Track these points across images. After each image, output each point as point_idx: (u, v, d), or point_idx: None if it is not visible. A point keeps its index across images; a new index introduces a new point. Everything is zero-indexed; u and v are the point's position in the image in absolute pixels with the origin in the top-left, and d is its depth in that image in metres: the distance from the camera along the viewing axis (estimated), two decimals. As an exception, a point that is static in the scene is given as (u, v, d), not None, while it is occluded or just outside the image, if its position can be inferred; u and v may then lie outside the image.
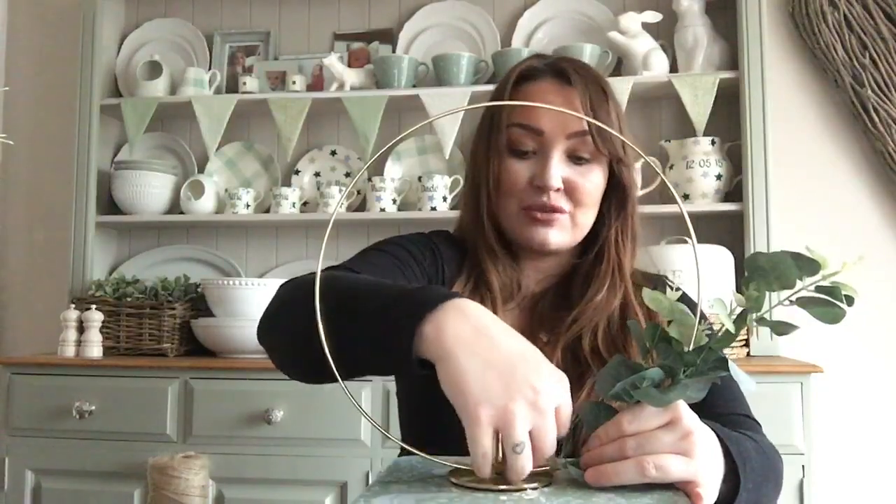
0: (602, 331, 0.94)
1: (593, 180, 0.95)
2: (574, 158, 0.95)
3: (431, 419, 0.93)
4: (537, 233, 0.96)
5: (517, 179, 0.95)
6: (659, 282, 1.03)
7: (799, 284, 0.58)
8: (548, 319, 0.98)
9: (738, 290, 0.62)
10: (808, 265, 0.57)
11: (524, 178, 0.95)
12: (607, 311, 0.95)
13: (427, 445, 0.66)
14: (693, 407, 0.66)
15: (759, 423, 0.93)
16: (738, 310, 0.62)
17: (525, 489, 0.60)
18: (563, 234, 0.96)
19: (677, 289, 0.67)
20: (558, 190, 0.94)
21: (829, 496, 2.10)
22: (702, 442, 0.65)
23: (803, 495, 1.76)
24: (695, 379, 0.63)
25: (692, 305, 0.68)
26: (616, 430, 0.64)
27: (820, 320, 0.58)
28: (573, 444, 0.67)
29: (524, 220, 0.96)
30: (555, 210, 0.94)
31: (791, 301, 0.59)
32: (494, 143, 0.97)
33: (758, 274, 0.59)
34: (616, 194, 0.99)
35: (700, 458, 0.64)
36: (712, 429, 0.69)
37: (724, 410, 0.84)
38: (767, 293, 0.60)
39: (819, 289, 0.58)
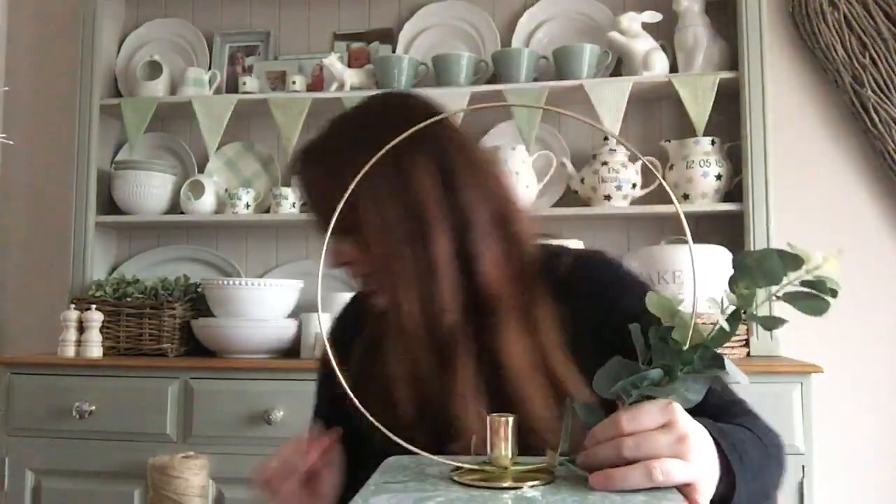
0: None
1: (346, 251, 0.92)
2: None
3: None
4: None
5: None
6: (559, 251, 0.98)
7: (785, 281, 0.60)
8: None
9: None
10: (791, 261, 0.59)
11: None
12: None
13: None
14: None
15: (746, 403, 0.92)
16: (731, 308, 0.63)
17: (523, 487, 0.60)
18: (381, 297, 0.92)
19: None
20: (343, 265, 0.93)
21: (829, 496, 2.10)
22: (697, 445, 0.65)
23: (803, 495, 1.76)
24: (692, 376, 0.64)
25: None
26: (614, 429, 0.64)
27: (805, 313, 0.60)
28: (568, 441, 0.67)
29: None
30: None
31: (777, 296, 0.60)
32: None
33: (745, 272, 0.60)
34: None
35: (696, 460, 0.64)
36: (705, 426, 0.69)
37: (713, 399, 0.84)
38: (757, 290, 0.61)
39: (804, 283, 0.59)
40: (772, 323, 0.61)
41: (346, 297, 1.59)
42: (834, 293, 0.59)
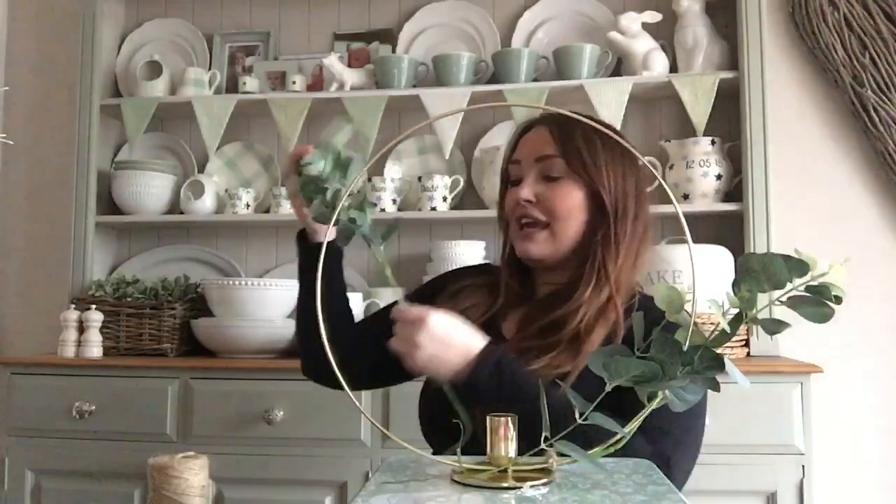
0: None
1: (563, 194, 1.13)
2: (547, 178, 1.14)
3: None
4: (521, 245, 1.15)
5: (510, 201, 1.17)
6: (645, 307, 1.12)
7: (789, 286, 0.59)
8: (538, 312, 1.15)
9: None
10: (797, 266, 0.59)
11: (514, 199, 1.16)
12: (592, 304, 1.09)
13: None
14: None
15: (672, 440, 1.01)
16: (733, 310, 0.63)
17: (523, 487, 0.60)
18: (541, 245, 1.14)
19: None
20: (532, 202, 1.13)
21: (829, 496, 2.10)
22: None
23: (803, 495, 1.76)
24: (690, 377, 0.64)
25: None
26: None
27: (809, 320, 0.60)
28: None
29: (515, 234, 1.16)
30: (531, 220, 1.13)
31: (781, 301, 0.60)
32: (502, 179, 1.22)
33: (749, 275, 0.61)
34: (599, 209, 1.13)
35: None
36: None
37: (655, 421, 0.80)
38: (759, 293, 0.61)
39: (809, 288, 0.59)
40: (774, 326, 0.61)
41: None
42: (838, 300, 0.59)
